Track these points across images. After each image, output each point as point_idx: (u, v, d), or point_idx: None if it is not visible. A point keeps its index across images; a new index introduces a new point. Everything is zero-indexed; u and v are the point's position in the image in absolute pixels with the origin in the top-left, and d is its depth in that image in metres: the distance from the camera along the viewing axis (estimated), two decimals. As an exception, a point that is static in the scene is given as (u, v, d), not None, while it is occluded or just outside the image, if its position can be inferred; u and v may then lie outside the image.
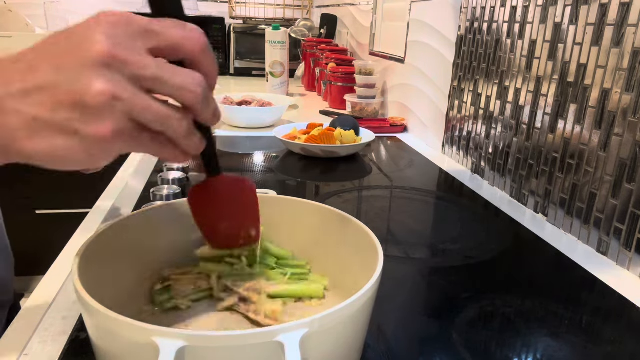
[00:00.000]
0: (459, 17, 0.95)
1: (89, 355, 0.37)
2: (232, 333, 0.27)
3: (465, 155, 0.95)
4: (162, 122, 0.28)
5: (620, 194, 0.57)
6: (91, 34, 0.26)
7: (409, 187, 0.83)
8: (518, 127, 0.77)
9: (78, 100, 0.26)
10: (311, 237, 0.47)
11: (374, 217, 0.70)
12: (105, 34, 0.26)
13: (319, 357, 0.30)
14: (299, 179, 0.86)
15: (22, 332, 0.41)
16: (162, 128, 0.29)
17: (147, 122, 0.28)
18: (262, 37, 1.68)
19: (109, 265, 0.39)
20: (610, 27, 0.59)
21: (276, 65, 1.57)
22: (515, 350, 0.42)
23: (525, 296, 0.51)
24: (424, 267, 0.57)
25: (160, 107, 0.28)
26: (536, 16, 0.72)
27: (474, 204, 0.77)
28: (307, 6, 2.31)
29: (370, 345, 0.41)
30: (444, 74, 1.02)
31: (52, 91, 0.26)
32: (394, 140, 1.16)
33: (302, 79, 1.90)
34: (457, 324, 0.45)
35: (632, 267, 0.56)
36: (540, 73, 0.72)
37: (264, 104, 1.25)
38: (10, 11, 1.94)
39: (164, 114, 0.28)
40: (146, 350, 0.26)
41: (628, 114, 0.56)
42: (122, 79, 0.27)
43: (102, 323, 0.29)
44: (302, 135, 0.99)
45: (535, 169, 0.73)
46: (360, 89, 1.36)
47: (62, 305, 0.46)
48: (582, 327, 0.46)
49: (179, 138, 0.30)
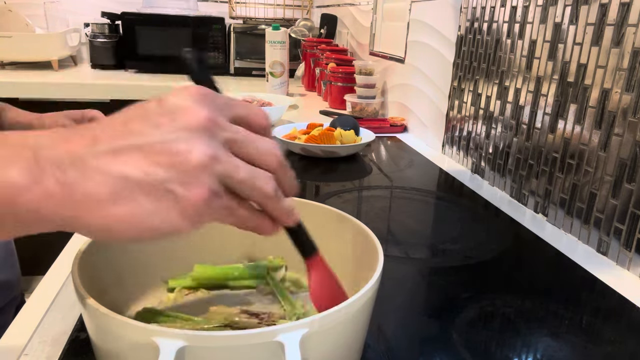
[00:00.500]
0: (459, 17, 0.95)
1: (89, 355, 0.37)
2: (232, 333, 0.27)
3: (465, 155, 0.95)
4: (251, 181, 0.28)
5: (620, 194, 0.57)
6: (188, 102, 0.27)
7: (409, 187, 0.83)
8: (518, 127, 0.77)
9: (178, 160, 0.25)
10: (311, 237, 0.46)
11: (374, 217, 0.70)
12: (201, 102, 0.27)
13: (319, 357, 0.30)
14: (299, 179, 0.85)
15: (22, 332, 0.41)
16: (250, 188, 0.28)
17: (237, 182, 0.27)
18: (262, 37, 1.68)
19: (109, 265, 0.39)
20: (610, 27, 0.59)
21: (276, 65, 1.57)
22: (515, 350, 0.42)
23: (525, 296, 0.51)
24: (424, 267, 0.57)
25: (248, 166, 0.28)
26: (536, 16, 0.72)
27: (474, 204, 0.77)
28: (307, 6, 2.31)
29: (370, 345, 0.41)
30: (444, 74, 1.02)
31: (148, 150, 0.25)
32: (394, 140, 1.16)
33: (302, 79, 1.90)
34: (457, 324, 0.45)
35: (632, 267, 0.56)
36: (540, 73, 0.72)
37: (264, 104, 1.25)
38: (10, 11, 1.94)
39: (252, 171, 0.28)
40: (146, 350, 0.26)
41: (628, 114, 0.56)
42: (218, 143, 0.27)
43: (102, 323, 0.29)
44: (302, 135, 0.99)
45: (535, 169, 0.73)
46: (360, 89, 1.36)
47: (62, 305, 0.46)
48: (582, 327, 0.46)
49: (265, 199, 0.29)
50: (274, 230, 0.32)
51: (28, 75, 1.78)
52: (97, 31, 2.01)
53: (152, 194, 0.25)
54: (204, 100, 0.27)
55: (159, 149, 0.25)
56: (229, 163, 0.27)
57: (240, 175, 0.27)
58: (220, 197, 0.27)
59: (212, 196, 0.26)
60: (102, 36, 2.02)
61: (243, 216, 0.29)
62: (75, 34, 2.08)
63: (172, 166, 0.25)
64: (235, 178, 0.27)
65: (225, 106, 0.28)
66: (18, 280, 0.68)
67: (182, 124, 0.26)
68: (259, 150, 0.29)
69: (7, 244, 0.68)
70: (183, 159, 0.25)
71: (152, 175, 0.25)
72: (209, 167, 0.26)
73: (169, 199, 0.25)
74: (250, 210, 0.30)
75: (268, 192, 0.29)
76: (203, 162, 0.25)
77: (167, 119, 0.26)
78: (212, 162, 0.26)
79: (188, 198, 0.25)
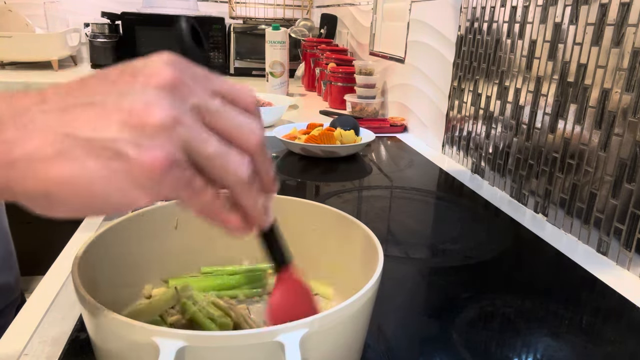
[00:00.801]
0: (459, 17, 0.95)
1: (89, 355, 0.37)
2: (232, 333, 0.27)
3: (465, 155, 0.95)
4: (221, 158, 0.24)
5: (620, 194, 0.57)
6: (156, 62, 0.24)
7: (409, 187, 0.83)
8: (518, 127, 0.77)
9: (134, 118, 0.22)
10: (311, 237, 0.46)
11: (374, 217, 0.70)
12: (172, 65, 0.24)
13: (319, 357, 0.30)
14: (299, 179, 0.86)
15: (22, 332, 0.41)
16: (219, 169, 0.24)
17: (205, 157, 0.24)
18: (262, 37, 1.68)
19: (109, 265, 0.39)
20: (610, 27, 0.59)
21: (276, 65, 1.57)
22: (515, 350, 0.42)
23: (525, 296, 0.51)
24: (424, 267, 0.57)
25: (220, 142, 0.24)
26: (536, 16, 0.72)
27: (474, 204, 0.77)
28: (307, 6, 2.31)
29: (370, 345, 0.41)
30: (444, 74, 1.02)
31: (100, 106, 0.22)
32: (394, 140, 1.16)
33: (302, 79, 1.90)
34: (457, 324, 0.45)
35: (632, 267, 0.56)
36: (540, 73, 0.72)
37: (264, 104, 1.25)
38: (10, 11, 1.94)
39: (222, 148, 0.24)
40: (146, 350, 0.26)
41: (628, 114, 0.56)
42: (185, 107, 0.23)
43: (102, 323, 0.29)
44: (302, 135, 0.99)
45: (535, 169, 0.73)
46: (360, 89, 1.36)
47: (62, 305, 0.46)
48: (582, 327, 0.46)
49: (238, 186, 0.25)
50: (244, 230, 0.28)
51: (28, 75, 1.78)
52: (97, 31, 2.01)
53: (100, 156, 0.22)
54: (177, 64, 0.24)
55: (114, 106, 0.22)
56: (196, 131, 0.23)
57: (209, 149, 0.24)
58: (181, 167, 0.23)
59: (170, 164, 0.22)
60: (102, 36, 2.02)
61: (208, 202, 0.25)
62: (75, 34, 2.08)
63: (126, 125, 0.22)
64: (202, 151, 0.24)
65: (202, 77, 0.25)
66: (17, 282, 0.68)
67: (145, 82, 0.23)
68: (237, 125, 0.25)
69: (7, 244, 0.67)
70: (140, 117, 0.22)
71: (102, 133, 0.22)
72: (170, 130, 0.22)
73: (119, 162, 0.22)
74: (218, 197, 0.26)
75: (241, 175, 0.25)
76: (163, 123, 0.22)
77: (129, 78, 0.23)
78: (173, 124, 0.22)
79: (141, 162, 0.22)
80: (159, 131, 0.22)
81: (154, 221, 0.44)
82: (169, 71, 0.23)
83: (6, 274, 0.65)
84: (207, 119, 0.24)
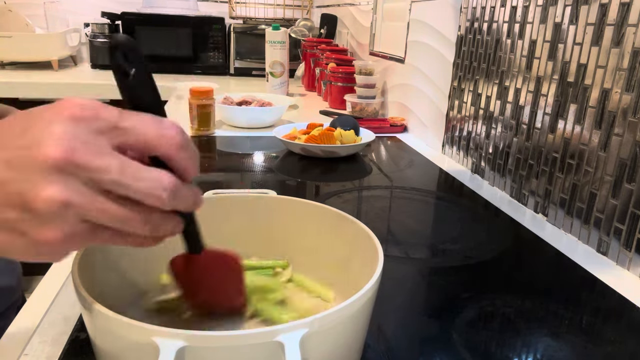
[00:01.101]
0: (459, 17, 0.95)
1: (89, 355, 0.37)
2: (232, 333, 0.27)
3: (465, 155, 0.95)
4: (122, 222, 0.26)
5: (620, 194, 0.57)
6: (48, 132, 0.24)
7: (409, 187, 0.83)
8: (518, 127, 0.77)
9: (26, 204, 0.24)
10: (311, 237, 0.46)
11: (374, 217, 0.70)
12: (64, 133, 0.24)
13: (319, 357, 0.30)
14: (299, 179, 0.86)
15: (22, 332, 0.41)
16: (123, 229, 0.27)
17: (106, 223, 0.26)
18: (262, 37, 1.68)
19: (109, 265, 0.39)
20: (610, 27, 0.59)
21: (276, 65, 1.57)
22: (515, 350, 0.42)
23: (525, 296, 0.51)
24: (424, 267, 0.57)
25: (118, 210, 0.26)
26: (536, 16, 0.72)
27: (474, 204, 0.77)
28: (307, 6, 2.31)
29: (370, 345, 0.41)
30: (444, 74, 1.02)
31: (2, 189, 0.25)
32: (394, 140, 1.16)
33: (302, 79, 1.90)
34: (457, 324, 0.45)
35: (632, 267, 0.56)
36: (540, 73, 0.72)
37: (264, 104, 1.25)
38: (10, 11, 1.94)
39: (122, 216, 0.26)
40: (146, 350, 0.26)
41: (628, 114, 0.56)
42: (76, 183, 0.25)
43: (102, 323, 0.29)
44: (302, 135, 0.99)
45: (535, 169, 0.73)
46: (360, 89, 1.36)
47: (62, 305, 0.46)
48: (582, 327, 0.46)
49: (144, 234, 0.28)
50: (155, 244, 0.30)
51: (28, 75, 1.78)
52: (97, 31, 2.01)
53: (8, 232, 0.25)
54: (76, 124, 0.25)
55: (12, 188, 0.24)
56: (91, 207, 0.25)
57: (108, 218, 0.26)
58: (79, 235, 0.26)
59: (65, 237, 0.25)
60: (102, 36, 2.02)
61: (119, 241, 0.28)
62: (75, 34, 2.08)
63: (23, 208, 0.25)
64: (100, 221, 0.26)
65: (107, 130, 0.25)
66: (19, 284, 0.68)
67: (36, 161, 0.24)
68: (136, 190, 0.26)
69: None
70: (30, 202, 0.24)
71: (4, 215, 0.25)
72: (59, 213, 0.24)
73: (24, 237, 0.25)
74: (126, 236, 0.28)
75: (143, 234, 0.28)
76: (50, 209, 0.24)
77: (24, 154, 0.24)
78: (61, 208, 0.24)
79: (39, 240, 0.25)
80: (49, 215, 0.24)
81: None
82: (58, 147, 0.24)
83: (8, 276, 0.65)
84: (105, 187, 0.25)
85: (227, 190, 0.70)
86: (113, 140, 0.26)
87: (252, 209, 0.47)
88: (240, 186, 0.81)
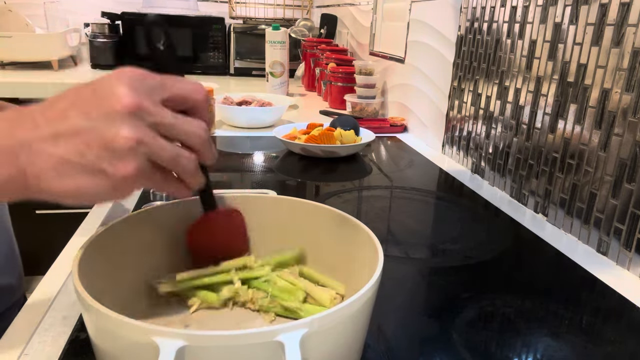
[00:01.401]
0: (459, 17, 0.95)
1: (89, 355, 0.37)
2: (232, 333, 0.27)
3: (465, 155, 0.95)
4: (175, 160, 0.33)
5: (620, 194, 0.57)
6: (117, 88, 0.30)
7: (409, 187, 0.83)
8: (518, 127, 0.77)
9: (107, 144, 0.30)
10: (311, 237, 0.47)
11: (374, 217, 0.70)
12: (130, 87, 0.31)
13: (319, 357, 0.30)
14: (299, 179, 0.86)
15: (22, 332, 0.41)
16: (174, 166, 0.33)
17: (163, 161, 0.32)
18: (262, 37, 1.68)
19: (109, 265, 0.39)
20: (610, 27, 0.59)
21: (276, 65, 1.57)
22: (515, 350, 0.42)
23: (525, 296, 0.51)
24: (424, 267, 0.57)
25: (174, 148, 0.33)
26: (536, 16, 0.72)
27: (474, 204, 0.77)
28: (307, 6, 2.31)
29: (370, 345, 0.41)
30: (444, 74, 1.02)
31: (82, 136, 0.30)
32: (394, 140, 1.16)
33: (302, 79, 1.90)
34: (457, 324, 0.45)
35: (632, 267, 0.56)
36: (540, 73, 0.72)
37: (264, 104, 1.25)
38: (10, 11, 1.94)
39: (176, 153, 0.33)
40: (146, 350, 0.26)
41: (628, 114, 0.56)
42: (144, 126, 0.31)
43: (102, 323, 0.29)
44: (302, 135, 0.99)
45: (535, 169, 0.73)
46: (360, 89, 1.36)
47: (62, 305, 0.46)
48: (582, 327, 0.46)
49: (186, 175, 0.35)
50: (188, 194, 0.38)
51: (28, 75, 1.78)
52: (97, 31, 2.01)
53: (88, 172, 0.31)
54: (134, 84, 0.31)
55: (91, 134, 0.30)
56: (155, 145, 0.32)
57: (165, 155, 0.32)
58: (145, 171, 0.32)
59: (137, 172, 0.31)
60: (102, 36, 2.02)
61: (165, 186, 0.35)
62: (75, 34, 2.08)
63: (103, 148, 0.30)
64: (160, 157, 0.32)
65: (157, 88, 0.32)
66: (20, 283, 0.68)
67: (113, 110, 0.30)
68: (185, 133, 0.33)
69: (10, 244, 0.67)
70: (111, 142, 0.30)
71: (87, 157, 0.30)
72: (135, 149, 0.30)
73: (102, 175, 0.31)
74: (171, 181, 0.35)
75: (189, 169, 0.34)
76: (128, 145, 0.30)
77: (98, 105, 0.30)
78: (136, 145, 0.30)
79: (117, 175, 0.31)
80: (127, 151, 0.30)
81: (153, 221, 0.44)
82: (129, 98, 0.30)
83: (9, 275, 0.65)
84: (162, 131, 0.32)
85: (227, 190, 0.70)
86: (161, 94, 0.33)
87: (252, 209, 0.47)
88: (240, 186, 0.81)
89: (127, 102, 0.30)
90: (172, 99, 0.33)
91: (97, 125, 0.30)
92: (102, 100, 0.31)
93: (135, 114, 0.30)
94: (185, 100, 0.34)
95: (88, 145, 0.30)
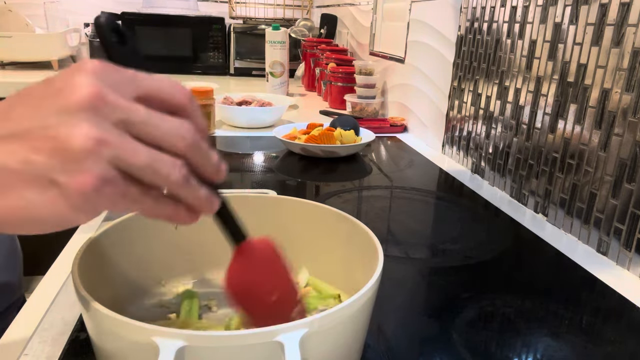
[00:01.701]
0: (459, 17, 0.95)
1: (89, 355, 0.37)
2: (232, 333, 0.27)
3: (465, 155, 0.95)
4: (152, 167, 0.25)
5: (620, 194, 0.57)
6: (76, 78, 0.24)
7: (409, 187, 0.83)
8: (518, 127, 0.77)
9: (59, 145, 0.23)
10: (311, 237, 0.46)
11: (374, 217, 0.70)
12: (92, 79, 0.24)
13: (319, 357, 0.30)
14: (299, 179, 0.86)
15: (22, 332, 0.41)
16: (152, 175, 0.25)
17: (136, 169, 0.24)
18: (262, 37, 1.68)
19: (109, 265, 0.39)
20: (610, 27, 0.59)
21: (276, 65, 1.57)
22: (515, 350, 0.42)
23: (525, 296, 0.51)
24: (424, 267, 0.57)
25: (150, 151, 0.25)
26: (536, 16, 0.72)
27: (474, 204, 0.77)
28: (307, 6, 2.31)
29: (370, 345, 0.41)
30: (444, 74, 1.02)
31: (26, 137, 0.23)
32: (394, 140, 1.16)
33: (302, 79, 1.90)
34: (457, 324, 0.45)
35: (632, 267, 0.56)
36: (540, 73, 0.72)
37: (264, 104, 1.25)
38: (10, 11, 1.94)
39: (153, 157, 0.25)
40: (146, 350, 0.26)
41: (628, 114, 0.56)
42: (109, 123, 0.24)
43: (102, 323, 0.29)
44: (302, 135, 0.99)
45: (535, 169, 0.73)
46: (360, 89, 1.36)
47: (62, 305, 0.46)
48: (582, 327, 0.46)
49: (177, 189, 0.26)
50: (192, 219, 0.29)
51: (28, 75, 1.78)
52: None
53: (34, 185, 0.23)
54: (98, 75, 0.24)
55: (38, 134, 0.23)
56: (123, 147, 0.24)
57: (138, 160, 0.24)
58: (113, 183, 0.24)
59: (101, 183, 0.23)
60: (102, 36, 2.01)
61: (148, 205, 0.26)
62: (75, 34, 2.08)
63: (53, 152, 0.23)
64: (132, 163, 0.24)
65: (127, 82, 0.25)
66: (20, 282, 0.68)
67: (64, 104, 0.23)
68: (163, 132, 0.25)
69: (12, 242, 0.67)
70: (63, 144, 0.23)
71: (32, 165, 0.23)
72: (94, 152, 0.23)
73: (54, 189, 0.23)
74: (157, 199, 0.27)
75: (174, 179, 0.26)
76: (85, 147, 0.23)
77: (50, 100, 0.24)
78: (97, 146, 0.23)
79: (72, 187, 0.23)
80: (84, 155, 0.23)
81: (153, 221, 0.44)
82: (88, 88, 0.23)
83: (9, 273, 0.65)
84: (133, 131, 0.24)
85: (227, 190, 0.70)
86: (135, 90, 0.25)
87: (252, 209, 0.47)
88: (240, 186, 0.81)
89: (86, 92, 0.23)
90: (147, 98, 0.26)
91: (48, 123, 0.23)
92: (57, 92, 0.24)
93: (96, 107, 0.23)
94: (165, 102, 0.26)
95: (35, 149, 0.23)
